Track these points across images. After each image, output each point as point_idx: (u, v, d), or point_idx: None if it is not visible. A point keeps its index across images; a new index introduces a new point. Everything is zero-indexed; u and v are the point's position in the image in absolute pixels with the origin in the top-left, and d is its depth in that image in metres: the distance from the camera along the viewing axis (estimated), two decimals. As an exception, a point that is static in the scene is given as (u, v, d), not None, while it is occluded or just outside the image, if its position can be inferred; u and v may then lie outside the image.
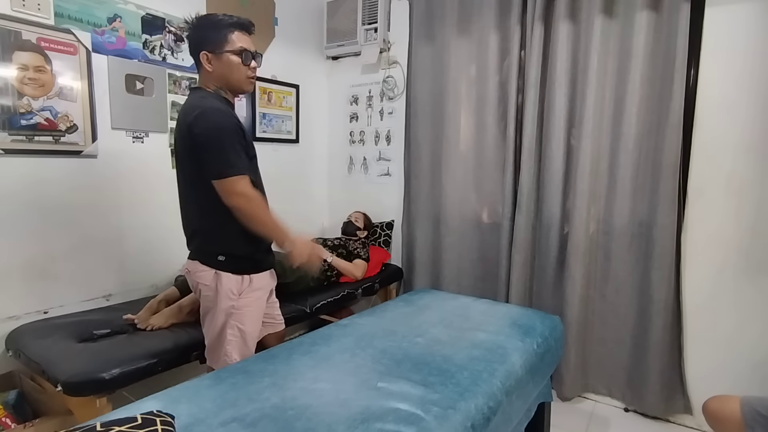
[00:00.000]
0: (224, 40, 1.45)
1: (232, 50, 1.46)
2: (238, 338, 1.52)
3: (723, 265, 2.00)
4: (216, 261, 1.49)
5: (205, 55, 1.46)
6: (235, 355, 1.52)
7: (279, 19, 2.83)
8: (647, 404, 2.15)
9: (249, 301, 1.53)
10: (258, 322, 1.60)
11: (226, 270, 1.49)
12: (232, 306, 1.50)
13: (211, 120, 1.39)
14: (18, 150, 1.80)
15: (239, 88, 1.53)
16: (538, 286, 2.42)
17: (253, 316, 1.56)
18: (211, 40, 1.45)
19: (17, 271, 1.84)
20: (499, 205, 2.50)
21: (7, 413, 1.62)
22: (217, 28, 1.46)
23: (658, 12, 2.01)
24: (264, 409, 1.04)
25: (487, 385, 1.20)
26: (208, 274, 1.49)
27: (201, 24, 1.49)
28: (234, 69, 1.48)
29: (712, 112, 1.97)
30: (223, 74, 1.48)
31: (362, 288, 2.55)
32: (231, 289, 1.49)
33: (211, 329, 1.54)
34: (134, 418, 0.85)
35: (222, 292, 1.49)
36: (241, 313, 1.52)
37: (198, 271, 1.51)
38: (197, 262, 1.52)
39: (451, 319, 1.66)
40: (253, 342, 1.58)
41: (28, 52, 1.79)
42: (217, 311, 1.51)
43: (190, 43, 1.50)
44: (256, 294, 1.56)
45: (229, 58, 1.46)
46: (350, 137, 3.19)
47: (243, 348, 1.54)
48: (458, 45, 2.56)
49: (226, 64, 1.47)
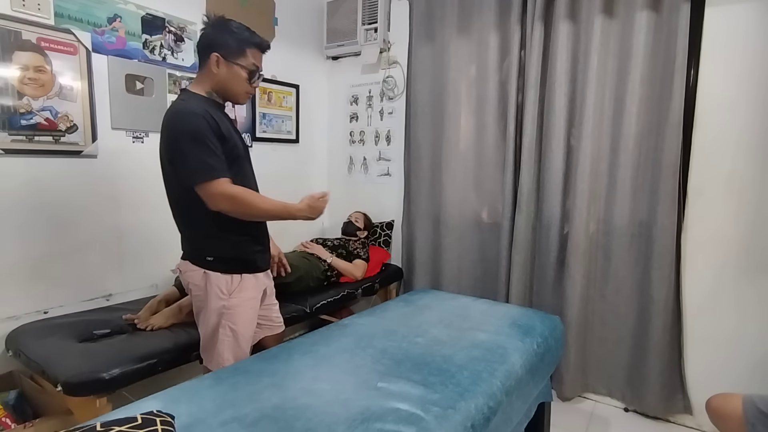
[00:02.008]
0: (241, 53, 1.48)
1: (245, 65, 1.49)
2: (231, 338, 1.51)
3: (723, 265, 2.00)
4: (204, 261, 1.49)
5: (217, 57, 1.46)
6: (227, 355, 1.51)
7: (279, 19, 2.83)
8: (647, 404, 2.15)
9: (240, 301, 1.51)
10: (251, 323, 1.58)
11: (215, 270, 1.48)
12: (223, 306, 1.49)
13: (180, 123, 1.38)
14: (18, 150, 1.80)
15: (234, 98, 1.55)
16: (538, 286, 2.42)
17: (245, 317, 1.54)
18: (229, 46, 1.46)
19: (17, 271, 1.84)
20: (499, 205, 2.51)
21: (7, 413, 1.62)
22: (239, 39, 1.47)
23: (658, 12, 2.01)
24: (264, 409, 1.04)
25: (487, 385, 1.20)
26: (198, 273, 1.49)
27: (224, 28, 1.48)
28: (238, 82, 1.50)
29: (712, 112, 1.97)
30: (225, 81, 1.49)
31: (362, 288, 2.55)
32: (220, 288, 1.48)
33: (204, 329, 1.54)
34: (134, 418, 0.85)
35: (211, 291, 1.48)
36: (233, 313, 1.50)
37: (188, 271, 1.51)
38: (188, 262, 1.52)
39: (451, 319, 1.66)
40: (246, 343, 1.56)
41: (28, 52, 1.79)
42: (208, 311, 1.50)
43: (203, 40, 1.48)
44: (248, 294, 1.54)
45: (238, 70, 1.48)
46: (350, 137, 3.19)
47: (236, 348, 1.52)
48: (458, 45, 2.56)
49: (233, 74, 1.48)
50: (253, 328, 1.59)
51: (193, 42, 2.35)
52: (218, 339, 1.50)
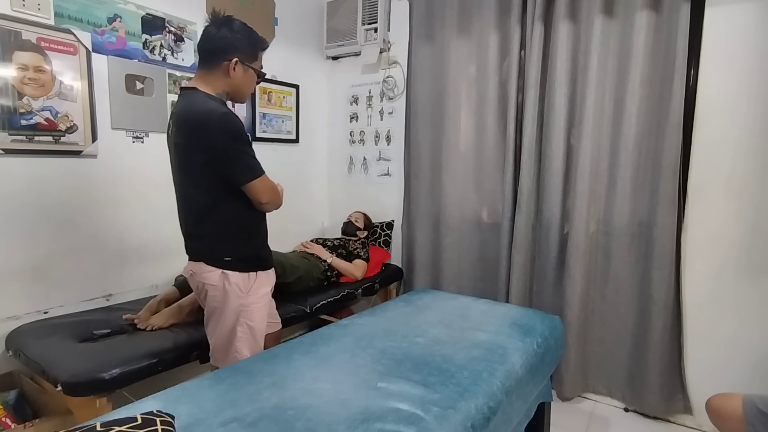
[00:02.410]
0: (255, 57, 1.55)
1: (257, 68, 1.56)
2: (248, 335, 1.54)
3: (723, 265, 2.00)
4: (222, 261, 1.50)
5: (237, 62, 1.48)
6: (245, 352, 1.53)
7: (279, 19, 2.83)
8: (647, 404, 2.15)
9: (257, 297, 1.56)
10: (265, 319, 1.62)
11: (233, 269, 1.50)
12: (241, 304, 1.52)
13: (227, 124, 1.42)
14: (18, 150, 1.80)
15: (241, 99, 1.60)
16: (538, 286, 2.42)
17: (261, 313, 1.58)
18: (248, 52, 1.52)
19: (17, 271, 1.84)
20: (499, 205, 2.50)
21: (7, 413, 1.62)
22: (255, 43, 1.54)
23: (658, 12, 2.01)
24: (264, 409, 1.04)
25: (487, 385, 1.20)
26: (215, 274, 1.49)
27: (245, 33, 1.51)
28: (249, 84, 1.56)
29: (712, 112, 1.97)
30: (239, 85, 1.53)
31: (362, 288, 2.55)
32: (240, 286, 1.51)
33: (220, 330, 1.54)
34: (134, 418, 0.85)
35: (231, 291, 1.50)
36: (250, 309, 1.54)
37: (204, 272, 1.51)
38: (202, 263, 1.51)
39: (451, 319, 1.66)
40: (261, 338, 1.60)
41: (28, 52, 1.79)
42: (226, 311, 1.51)
43: (218, 42, 1.46)
44: (263, 290, 1.59)
45: (252, 73, 1.55)
46: (350, 137, 3.19)
47: (253, 344, 1.56)
48: (458, 45, 2.56)
49: (248, 77, 1.54)
50: (266, 323, 1.64)
51: (193, 42, 2.34)
52: (236, 336, 1.53)
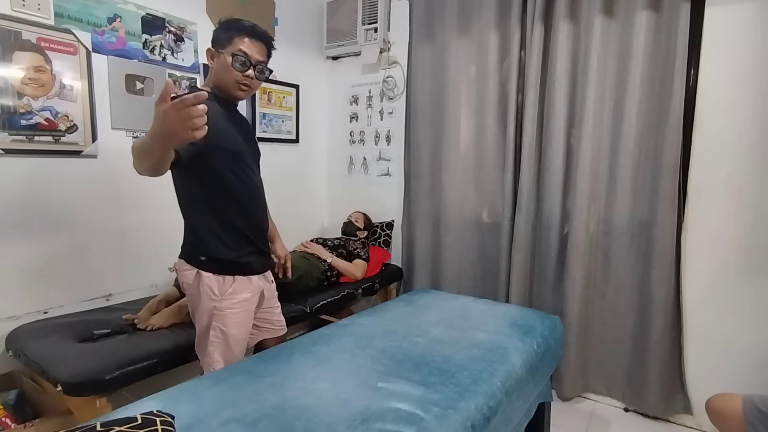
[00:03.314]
0: (227, 41, 1.44)
1: (229, 52, 1.44)
2: (221, 340, 1.49)
3: (723, 265, 2.00)
4: (198, 260, 1.48)
5: (210, 51, 1.48)
6: (217, 356, 1.49)
7: (279, 19, 2.83)
8: (647, 404, 2.15)
9: (233, 303, 1.48)
10: (243, 326, 1.54)
11: (207, 270, 1.47)
12: (213, 307, 1.47)
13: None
14: (18, 150, 1.80)
15: (227, 91, 1.48)
16: (538, 286, 2.42)
17: (237, 320, 1.50)
18: (219, 38, 1.47)
19: (17, 271, 1.84)
20: (499, 205, 2.50)
21: (7, 413, 1.62)
22: (228, 29, 1.46)
23: (658, 12, 2.01)
24: (264, 409, 1.04)
25: (487, 385, 1.20)
26: (191, 273, 1.48)
27: (220, 24, 1.50)
28: (226, 71, 1.45)
29: (712, 112, 1.97)
30: (217, 73, 1.48)
31: (362, 288, 2.55)
32: (212, 289, 1.46)
33: (198, 328, 1.54)
34: (134, 418, 0.85)
35: (203, 291, 1.47)
36: (224, 314, 1.48)
37: (182, 270, 1.51)
38: (182, 260, 1.52)
39: (451, 319, 1.66)
40: (237, 345, 1.52)
41: (28, 52, 1.79)
42: (198, 311, 1.50)
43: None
44: (242, 296, 1.51)
45: (225, 58, 1.44)
46: (350, 137, 3.19)
47: (226, 350, 1.50)
48: (458, 45, 2.56)
49: (221, 63, 1.45)
50: (246, 331, 1.56)
51: (193, 42, 2.35)
52: (209, 340, 1.49)
